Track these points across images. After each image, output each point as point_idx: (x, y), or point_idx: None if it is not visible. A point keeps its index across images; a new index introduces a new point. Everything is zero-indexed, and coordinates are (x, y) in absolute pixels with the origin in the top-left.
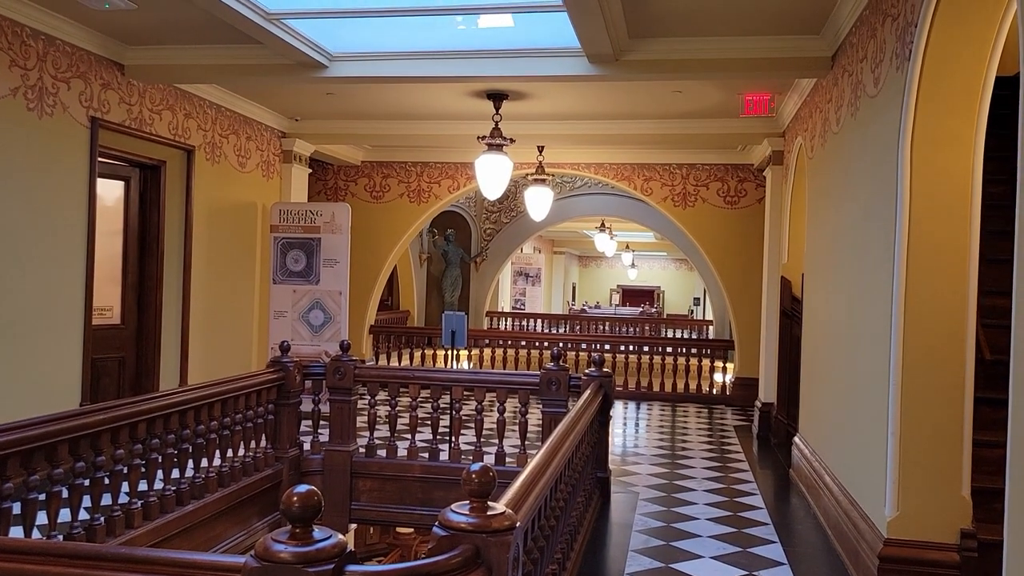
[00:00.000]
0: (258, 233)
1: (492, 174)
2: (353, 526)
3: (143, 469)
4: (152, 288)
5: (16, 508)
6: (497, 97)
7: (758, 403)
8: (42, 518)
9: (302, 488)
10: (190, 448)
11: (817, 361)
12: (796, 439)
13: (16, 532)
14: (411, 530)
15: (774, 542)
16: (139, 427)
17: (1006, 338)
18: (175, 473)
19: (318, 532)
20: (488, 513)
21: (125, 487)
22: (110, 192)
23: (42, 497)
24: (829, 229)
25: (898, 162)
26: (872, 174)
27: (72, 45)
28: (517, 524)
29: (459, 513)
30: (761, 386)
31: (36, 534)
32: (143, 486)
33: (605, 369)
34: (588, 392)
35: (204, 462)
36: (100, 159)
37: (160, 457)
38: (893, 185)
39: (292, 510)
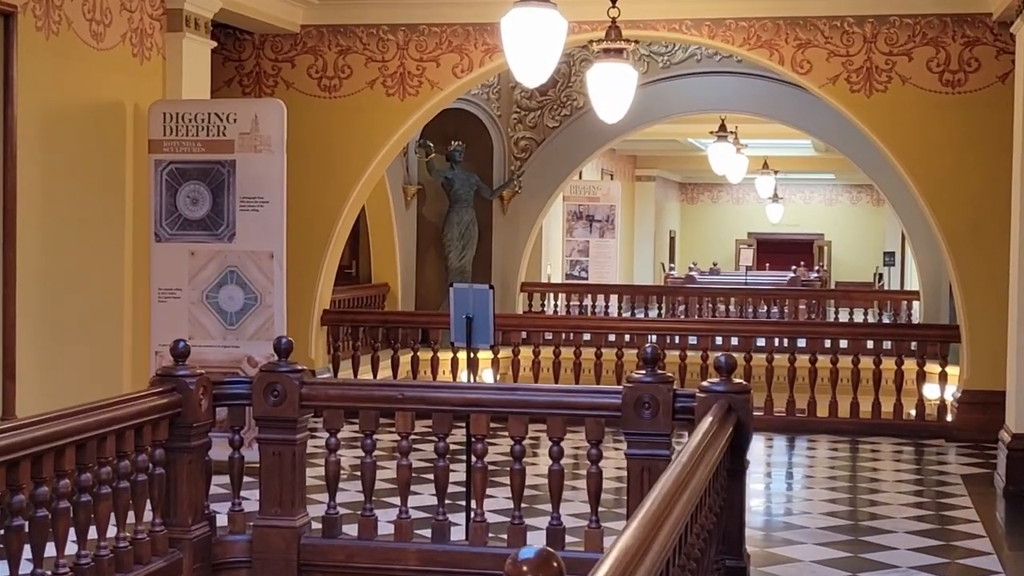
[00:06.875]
0: (128, 155)
1: (531, 42)
2: None
3: None
4: None
5: None
6: None
7: (1005, 435)
8: None
9: None
10: (25, 526)
11: None
12: None
13: None
14: None
15: None
16: None
17: None
18: None
19: None
20: None
21: None
22: None
23: None
24: None
25: None
26: None
27: None
28: None
29: None
30: (1011, 406)
31: None
32: None
33: (736, 380)
34: (708, 421)
35: (50, 548)
36: None
37: None
38: None
39: None
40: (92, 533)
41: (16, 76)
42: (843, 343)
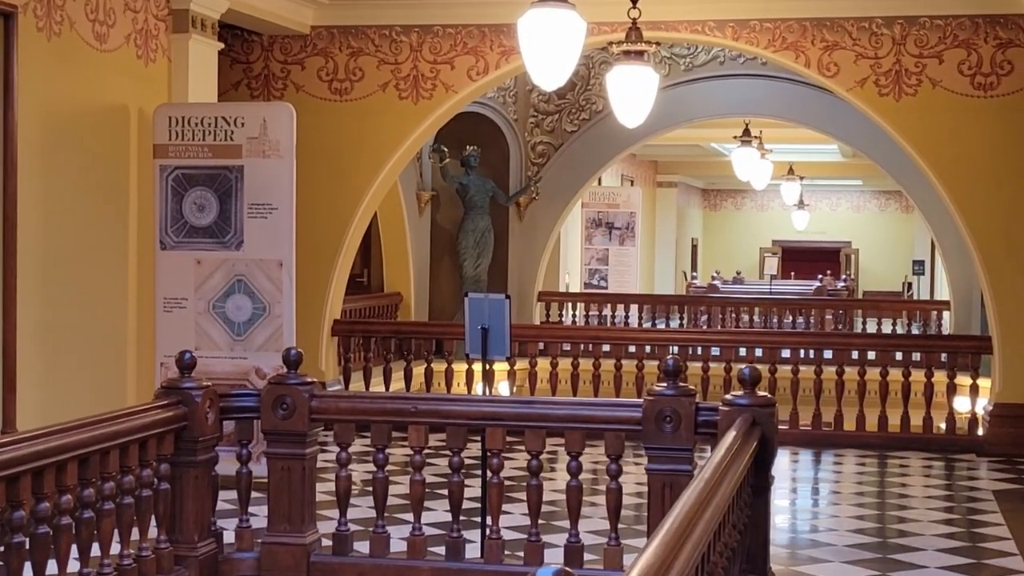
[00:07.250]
0: (132, 159)
1: (549, 44)
2: None
3: None
4: None
5: None
6: None
7: None
8: None
9: None
10: (25, 543)
11: None
12: None
13: None
14: None
15: None
16: None
17: None
18: None
19: None
20: None
21: None
22: None
23: None
24: None
25: None
26: None
27: None
28: None
29: None
30: None
31: None
32: None
33: (761, 393)
34: (732, 435)
35: (51, 566)
36: None
37: None
38: None
39: None
40: (95, 550)
41: (16, 78)
42: (871, 355)
